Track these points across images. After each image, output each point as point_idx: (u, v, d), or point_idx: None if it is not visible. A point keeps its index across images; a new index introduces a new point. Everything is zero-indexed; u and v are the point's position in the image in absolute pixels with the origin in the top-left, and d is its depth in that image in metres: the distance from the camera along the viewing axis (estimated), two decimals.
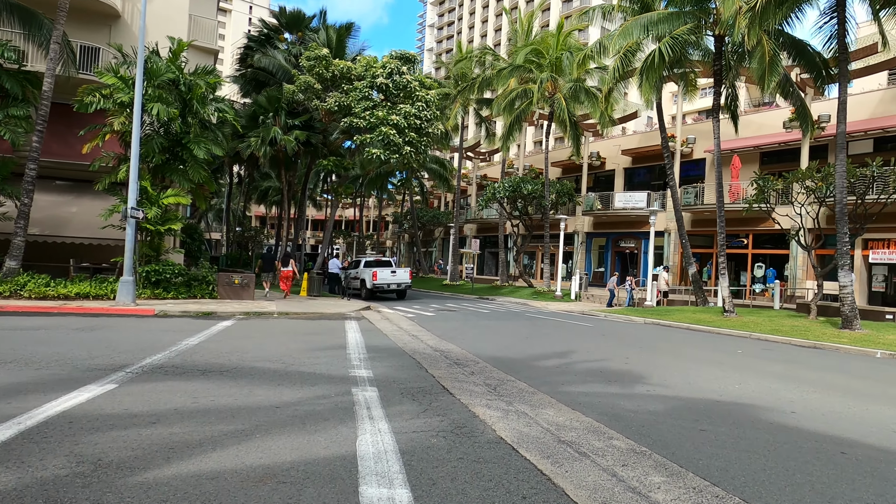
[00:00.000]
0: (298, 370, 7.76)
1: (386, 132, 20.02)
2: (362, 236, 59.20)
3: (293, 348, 9.70)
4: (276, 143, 22.96)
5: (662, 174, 34.99)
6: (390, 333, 12.52)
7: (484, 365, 8.96)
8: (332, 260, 26.50)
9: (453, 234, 36.98)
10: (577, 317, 19.63)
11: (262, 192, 51.18)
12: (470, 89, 32.42)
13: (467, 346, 10.90)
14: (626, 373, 8.72)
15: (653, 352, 11.29)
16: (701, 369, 9.35)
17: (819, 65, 17.98)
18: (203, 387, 6.45)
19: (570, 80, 27.01)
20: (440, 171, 44.23)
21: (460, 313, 18.70)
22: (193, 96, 16.37)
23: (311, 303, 19.31)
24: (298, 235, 32.45)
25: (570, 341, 12.39)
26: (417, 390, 6.88)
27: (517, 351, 10.71)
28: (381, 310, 18.95)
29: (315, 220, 79.86)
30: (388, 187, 56.57)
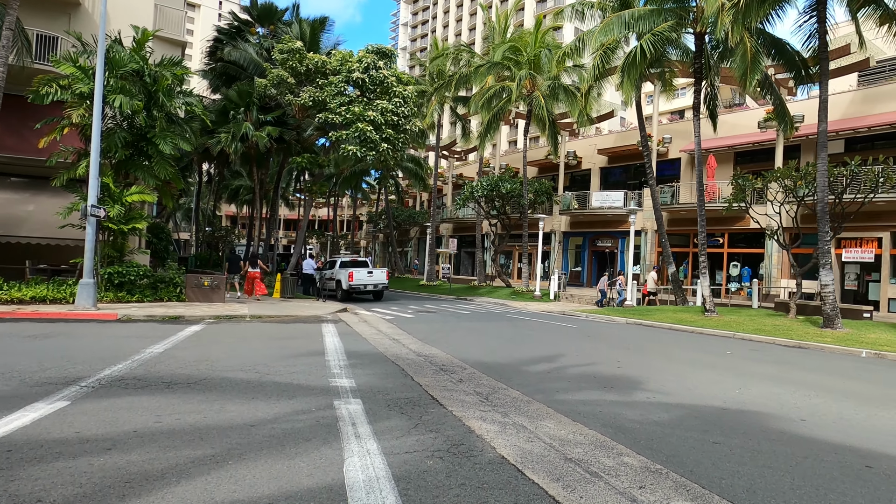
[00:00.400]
0: (274, 380, 7.16)
1: (362, 128, 19.38)
2: (336, 236, 58.23)
3: (268, 355, 9.07)
4: (248, 140, 22.10)
5: (638, 174, 35.08)
6: (370, 337, 11.96)
7: (472, 371, 8.48)
8: (306, 260, 25.73)
9: (430, 233, 36.46)
10: (559, 317, 19.31)
11: (233, 190, 49.85)
12: (447, 87, 31.94)
13: (452, 351, 10.40)
14: (621, 378, 8.33)
15: (643, 354, 10.96)
16: (696, 373, 9.02)
17: (798, 64, 17.99)
18: (168, 402, 5.81)
19: (548, 77, 26.74)
20: (416, 170, 43.66)
21: (440, 315, 18.21)
22: (159, 88, 15.50)
23: (285, 305, 18.59)
24: (271, 235, 31.52)
25: (557, 344, 12.00)
26: (405, 402, 6.35)
27: (504, 355, 10.26)
28: (358, 312, 18.33)
29: (288, 219, 78.43)
30: (363, 186, 55.90)
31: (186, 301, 16.97)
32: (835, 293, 15.76)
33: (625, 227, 33.51)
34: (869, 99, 27.05)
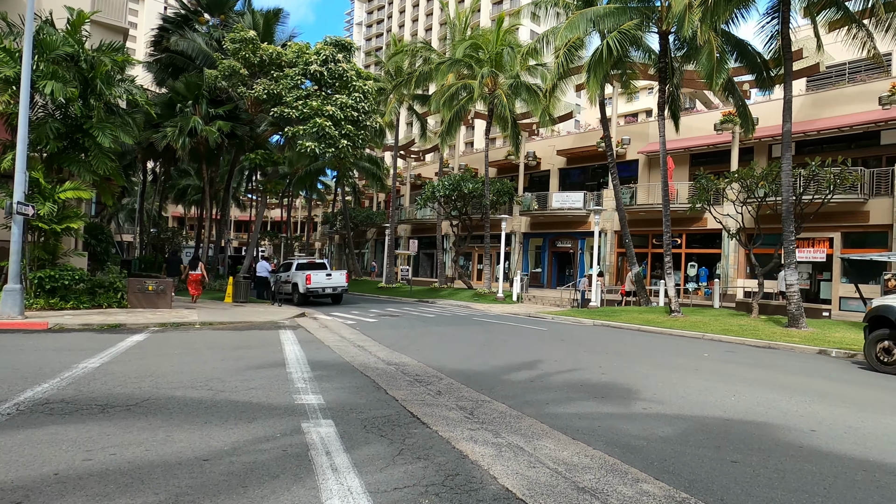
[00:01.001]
0: (230, 398, 6.28)
1: (321, 124, 18.41)
2: (290, 238, 56.48)
3: (221, 368, 8.13)
4: (197, 135, 20.74)
5: (596, 175, 35.21)
6: (333, 345, 11.10)
7: (449, 381, 7.79)
8: (260, 263, 24.47)
9: (388, 234, 35.58)
10: (526, 320, 18.84)
11: (181, 190, 47.54)
12: (406, 84, 31.18)
13: (423, 358, 9.69)
14: (610, 386, 7.81)
15: (623, 358, 10.52)
16: (683, 379, 8.60)
17: (760, 65, 18.12)
18: (102, 432, 4.88)
19: (510, 76, 26.35)
20: (373, 170, 42.69)
21: (404, 319, 17.44)
22: (97, 75, 14.15)
23: (238, 310, 17.42)
24: (221, 237, 29.98)
25: (532, 349, 11.45)
26: (383, 421, 5.60)
27: (480, 362, 9.61)
28: (317, 316, 17.36)
29: (239, 220, 75.77)
30: (319, 187, 54.39)
31: (129, 307, 15.63)
32: (799, 293, 15.85)
33: (584, 228, 33.55)
34: (818, 103, 27.80)
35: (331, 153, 19.05)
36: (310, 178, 44.64)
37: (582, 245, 34.53)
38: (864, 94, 25.70)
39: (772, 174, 18.36)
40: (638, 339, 14.10)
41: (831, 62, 28.35)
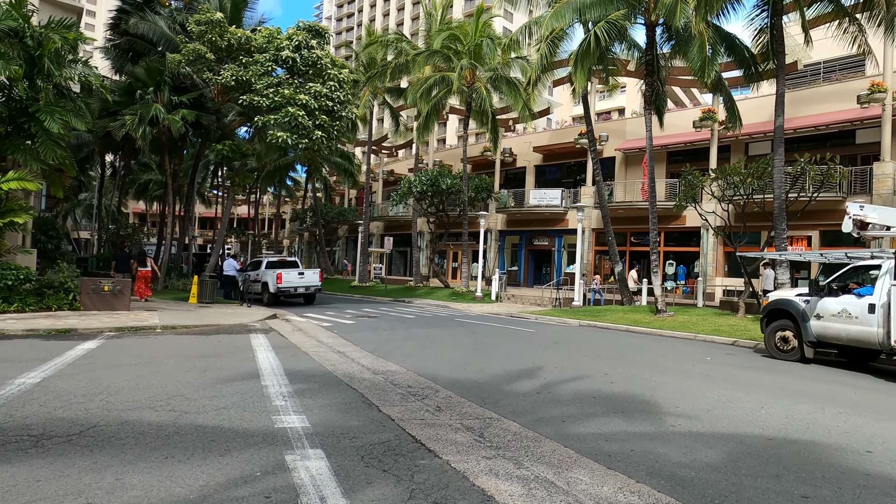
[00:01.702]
0: (197, 422, 5.29)
1: (293, 113, 17.28)
2: (258, 235, 54.70)
3: (186, 381, 7.09)
4: (158, 124, 19.33)
5: (573, 172, 34.79)
6: (311, 351, 10.12)
7: (447, 394, 6.95)
8: (227, 261, 23.17)
9: (362, 231, 34.48)
10: (509, 320, 18.11)
11: (142, 185, 45.39)
12: (380, 76, 30.08)
13: (413, 366, 8.81)
14: (625, 398, 7.06)
15: (626, 364, 9.82)
16: (699, 387, 7.92)
17: (748, 60, 17.75)
18: (30, 477, 3.86)
19: (489, 68, 25.58)
20: (345, 166, 41.50)
21: (383, 320, 16.49)
22: (45, 53, 12.79)
23: (204, 312, 16.20)
24: (185, 234, 28.45)
25: (526, 353, 10.67)
26: (383, 450, 4.71)
27: (475, 369, 8.78)
28: (290, 318, 16.28)
29: (204, 217, 73.27)
30: (288, 183, 52.73)
31: (82, 310, 14.30)
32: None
33: (562, 226, 33.07)
34: (794, 102, 27.77)
35: (304, 145, 17.93)
36: (279, 174, 43.18)
37: (559, 243, 34.06)
38: (841, 93, 25.74)
39: (759, 170, 18.04)
40: (631, 340, 13.48)
41: (808, 61, 28.44)
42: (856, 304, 9.81)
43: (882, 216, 10.60)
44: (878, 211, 10.73)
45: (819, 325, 10.31)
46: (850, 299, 10.00)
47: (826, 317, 10.21)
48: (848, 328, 9.85)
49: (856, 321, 9.71)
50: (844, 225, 10.81)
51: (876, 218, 10.50)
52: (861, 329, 9.63)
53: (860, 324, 9.63)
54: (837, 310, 10.05)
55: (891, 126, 22.22)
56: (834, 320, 10.07)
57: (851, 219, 10.62)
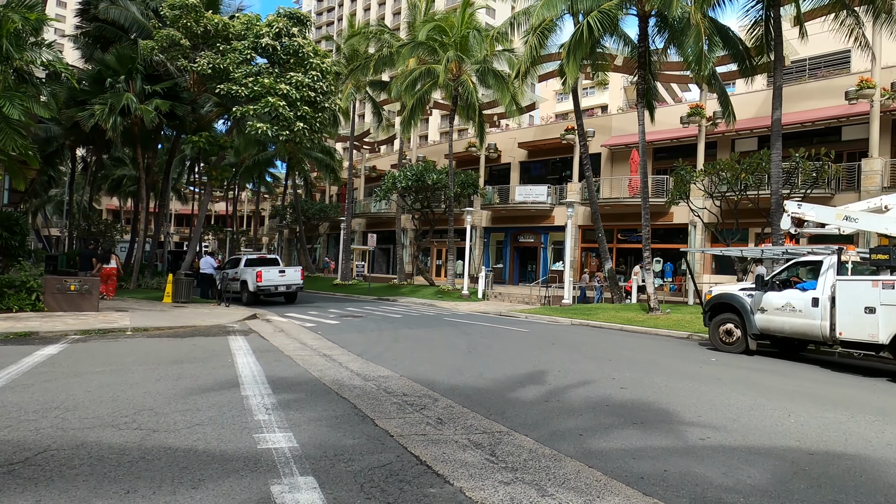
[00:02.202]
0: (167, 443, 4.59)
1: (274, 103, 16.45)
2: (236, 232, 53.39)
3: (157, 392, 6.36)
4: (130, 114, 18.32)
5: (557, 168, 34.38)
6: (295, 354, 9.41)
7: (447, 403, 6.33)
8: (204, 258, 22.21)
9: (344, 228, 33.63)
10: (499, 319, 17.55)
11: (115, 181, 43.89)
12: (363, 69, 29.29)
13: (406, 371, 8.17)
14: (640, 406, 6.51)
15: (630, 366, 9.28)
16: (714, 392, 7.41)
17: (742, 53, 17.39)
18: None
19: (476, 60, 24.95)
20: (327, 161, 40.57)
21: (369, 320, 15.79)
22: (2, 34, 11.84)
23: (179, 312, 15.34)
24: (160, 231, 27.35)
25: (525, 355, 10.09)
26: (384, 475, 4.07)
27: (473, 374, 8.16)
28: (271, 318, 15.50)
29: (180, 214, 71.64)
30: (267, 179, 51.50)
31: (46, 311, 13.36)
32: None
33: (548, 223, 32.64)
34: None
35: (285, 136, 17.10)
36: (258, 169, 42.06)
37: (545, 240, 33.64)
38: (826, 89, 25.66)
39: (752, 166, 17.74)
40: (629, 340, 12.98)
41: (795, 57, 28.38)
42: (800, 298, 10.19)
43: (819, 214, 11.28)
44: (815, 209, 11.40)
45: (763, 318, 10.70)
46: (794, 293, 10.37)
47: (770, 310, 10.58)
48: (792, 321, 10.25)
49: (799, 314, 10.10)
50: (783, 222, 11.71)
51: (813, 215, 11.24)
52: (804, 322, 10.02)
53: (804, 317, 10.03)
54: (781, 303, 10.43)
55: (879, 122, 22.15)
56: (778, 313, 10.46)
57: (790, 216, 11.45)
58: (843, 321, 9.34)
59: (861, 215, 10.73)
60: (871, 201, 11.52)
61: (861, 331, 9.11)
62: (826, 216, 11.23)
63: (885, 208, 10.76)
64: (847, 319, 9.29)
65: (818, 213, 11.38)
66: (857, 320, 9.14)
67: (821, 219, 11.29)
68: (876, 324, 8.88)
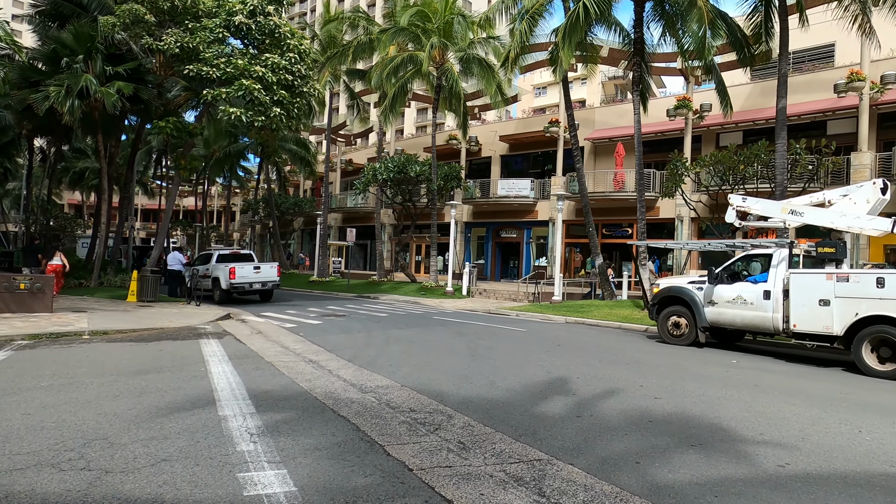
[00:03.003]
0: (122, 492, 3.50)
1: (248, 86, 15.19)
2: (206, 227, 51.38)
3: (114, 414, 5.23)
4: (90, 97, 16.82)
5: (539, 162, 33.64)
6: (277, 361, 8.32)
7: (464, 420, 5.37)
8: (171, 254, 20.80)
9: (320, 223, 32.33)
10: (490, 317, 16.65)
11: (77, 174, 41.66)
12: (341, 56, 28.02)
13: (406, 379, 7.17)
14: (688, 420, 5.63)
15: (652, 371, 8.42)
16: (761, 402, 6.57)
17: (741, 41, 16.76)
18: None
19: (460, 48, 23.93)
20: (301, 153, 39.10)
21: (354, 319, 14.69)
22: None
23: (145, 313, 14.02)
24: (124, 225, 25.67)
25: (533, 358, 9.17)
26: None
27: (483, 382, 7.20)
28: (246, 318, 14.30)
29: (147, 209, 69.04)
30: (239, 174, 49.67)
31: None
32: None
33: (531, 217, 31.88)
34: (766, 92, 27.31)
35: (260, 123, 15.85)
36: (229, 161, 40.34)
37: (528, 235, 32.91)
38: (812, 83, 25.40)
39: (751, 157, 17.16)
40: (635, 342, 12.17)
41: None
42: (751, 291, 10.22)
43: (764, 208, 11.52)
44: (760, 203, 11.67)
45: (713, 311, 10.73)
46: (746, 286, 10.40)
47: (720, 303, 10.61)
48: (743, 313, 10.29)
49: (751, 307, 10.15)
50: (728, 215, 11.99)
51: (758, 209, 11.53)
52: (756, 314, 10.06)
53: (755, 309, 10.07)
54: (732, 296, 10.46)
55: (868, 116, 21.88)
56: (729, 306, 10.49)
57: (735, 209, 11.83)
58: (797, 313, 9.41)
59: (806, 209, 10.83)
60: (813, 196, 11.57)
61: (816, 323, 9.18)
62: (771, 210, 11.36)
63: (829, 203, 10.91)
64: (801, 312, 9.35)
65: (763, 206, 11.53)
66: (812, 312, 9.21)
67: (766, 212, 11.47)
68: (830, 316, 8.97)
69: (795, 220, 11.04)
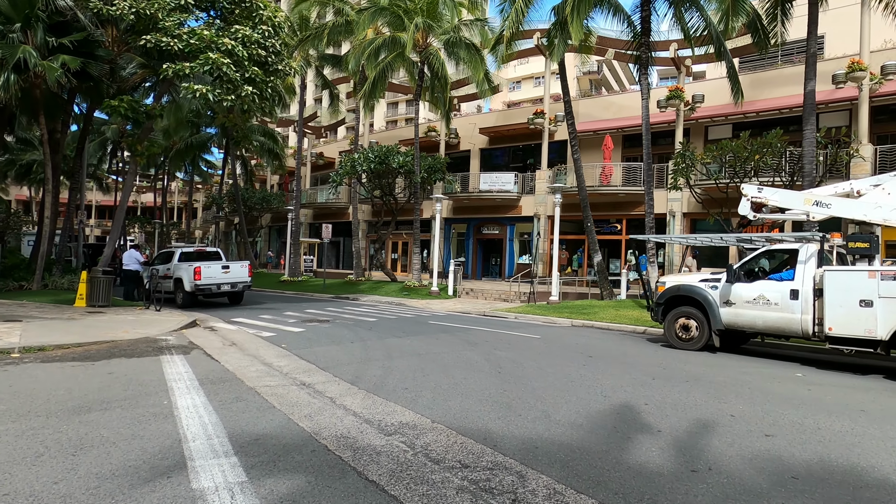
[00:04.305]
0: None
1: (216, 60, 13.25)
2: (166, 224, 48.45)
3: (28, 494, 3.45)
4: (29, 71, 14.56)
5: (520, 156, 32.33)
6: (262, 386, 6.57)
7: (544, 482, 3.81)
8: (127, 252, 18.62)
9: (292, 218, 30.27)
10: (488, 320, 15.10)
11: (24, 167, 38.49)
12: (315, 39, 26.05)
13: (434, 411, 5.55)
14: (847, 473, 4.16)
15: (731, 392, 6.97)
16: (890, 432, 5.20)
17: (755, 22, 15.63)
18: None
19: (445, 30, 22.28)
20: (270, 145, 36.83)
21: (340, 326, 12.91)
22: None
23: (94, 321, 11.96)
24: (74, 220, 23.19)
25: (574, 375, 7.62)
26: None
27: (535, 414, 5.61)
28: (215, 325, 12.40)
29: (103, 206, 65.33)
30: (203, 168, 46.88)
31: None
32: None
33: (514, 213, 30.51)
34: (756, 84, 26.55)
35: (230, 102, 13.90)
36: (191, 153, 37.81)
37: (511, 232, 31.54)
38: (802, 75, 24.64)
39: (764, 146, 16.09)
40: (664, 350, 10.80)
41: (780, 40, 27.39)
42: (775, 290, 9.33)
43: (784, 199, 10.48)
44: (779, 193, 10.63)
45: (730, 312, 9.82)
46: (768, 285, 9.51)
47: (739, 303, 9.71)
48: (765, 315, 9.38)
49: (775, 308, 9.28)
50: (741, 207, 10.88)
51: (777, 200, 10.45)
52: (781, 316, 9.18)
53: (780, 310, 9.21)
54: (752, 296, 9.56)
55: (867, 107, 21.18)
56: (749, 307, 9.60)
57: (749, 200, 10.71)
58: (833, 316, 8.48)
59: (834, 200, 9.88)
60: (838, 186, 10.77)
61: (856, 326, 8.25)
62: (792, 201, 10.35)
63: (858, 193, 10.12)
64: (838, 314, 8.43)
65: (783, 197, 10.51)
66: (851, 314, 8.29)
67: (785, 203, 10.42)
68: (874, 318, 8.07)
69: (821, 211, 9.99)
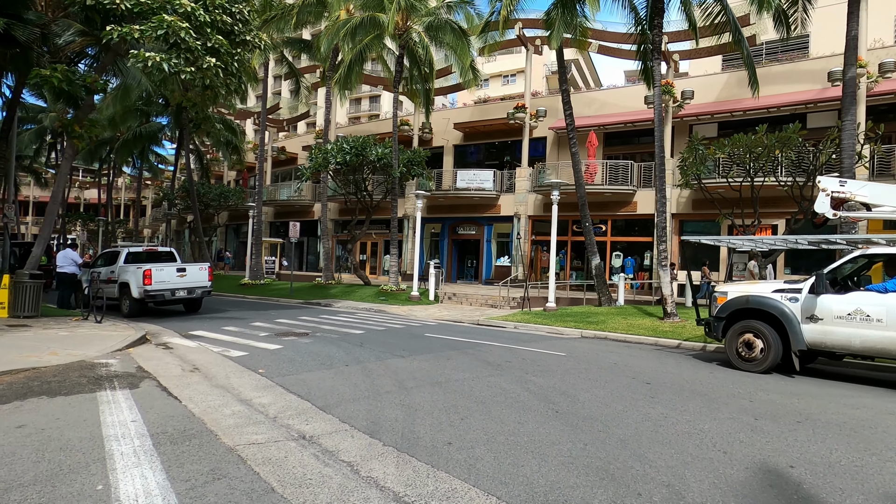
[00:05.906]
0: None
1: (172, 23, 11.03)
2: (111, 222, 44.78)
3: None
4: None
5: (496, 154, 30.84)
6: (245, 446, 4.58)
7: None
8: (63, 252, 16.03)
9: (253, 216, 27.80)
10: (486, 331, 13.30)
11: None
12: (282, 21, 23.77)
13: (505, 488, 3.71)
14: None
15: (860, 438, 5.39)
16: None
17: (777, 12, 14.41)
18: None
19: (428, 12, 20.43)
20: (229, 137, 34.11)
21: (324, 341, 10.84)
22: None
23: (13, 338, 9.55)
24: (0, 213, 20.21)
25: (653, 414, 5.88)
26: None
27: (662, 494, 3.86)
28: (170, 341, 10.16)
29: (41, 202, 60.53)
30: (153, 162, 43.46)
31: None
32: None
33: (493, 212, 28.92)
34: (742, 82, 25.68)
35: (189, 75, 11.66)
36: (140, 144, 34.66)
37: (489, 232, 29.94)
38: (791, 73, 24.03)
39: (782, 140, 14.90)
40: (723, 371, 9.24)
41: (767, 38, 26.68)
42: (879, 304, 7.87)
43: (874, 193, 8.98)
44: (868, 187, 9.09)
45: (815, 329, 8.35)
46: (869, 297, 8.03)
47: (828, 319, 8.26)
48: (865, 333, 7.92)
49: (878, 325, 7.85)
50: (818, 204, 9.43)
51: (866, 195, 8.99)
52: (887, 335, 7.74)
53: (886, 329, 7.76)
54: (848, 310, 8.13)
55: (865, 105, 20.46)
56: (841, 323, 8.15)
57: (829, 196, 9.21)
58: None
59: None
60: None
61: None
62: (887, 196, 8.82)
63: None
64: None
65: (873, 191, 8.99)
66: None
67: (878, 199, 8.89)
68: None
69: None
